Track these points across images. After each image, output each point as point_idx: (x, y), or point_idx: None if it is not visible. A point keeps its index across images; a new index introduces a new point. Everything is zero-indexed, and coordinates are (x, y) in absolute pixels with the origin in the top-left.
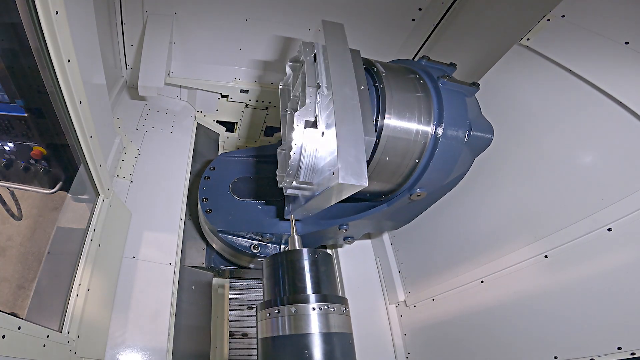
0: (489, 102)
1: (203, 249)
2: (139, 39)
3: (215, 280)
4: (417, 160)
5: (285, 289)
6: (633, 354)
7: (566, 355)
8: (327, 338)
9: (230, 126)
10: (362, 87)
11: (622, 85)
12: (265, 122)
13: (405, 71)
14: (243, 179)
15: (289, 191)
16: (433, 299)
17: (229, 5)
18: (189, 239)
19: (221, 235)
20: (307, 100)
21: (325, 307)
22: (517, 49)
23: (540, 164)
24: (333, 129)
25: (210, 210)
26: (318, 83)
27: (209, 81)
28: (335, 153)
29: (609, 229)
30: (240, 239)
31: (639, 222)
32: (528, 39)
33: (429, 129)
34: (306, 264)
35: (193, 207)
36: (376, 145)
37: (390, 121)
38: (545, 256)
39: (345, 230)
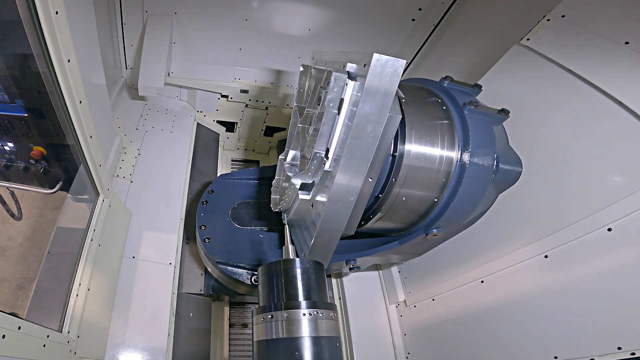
0: (489, 102)
1: (201, 274)
2: (139, 39)
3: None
4: (436, 199)
5: (278, 295)
6: (633, 354)
7: (566, 355)
8: (316, 341)
9: (230, 126)
10: (371, 178)
11: (622, 85)
12: (265, 122)
13: (426, 94)
14: (243, 204)
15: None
16: (433, 299)
17: (229, 5)
18: (187, 264)
19: (220, 266)
20: (310, 165)
21: (315, 312)
22: (517, 49)
23: (539, 163)
24: (321, 205)
25: (208, 238)
26: (327, 151)
27: (209, 81)
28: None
29: (609, 229)
30: (240, 270)
31: (639, 222)
32: (528, 39)
33: (453, 161)
34: (298, 273)
35: (191, 231)
36: (393, 182)
37: (412, 150)
38: (545, 256)
39: (353, 264)
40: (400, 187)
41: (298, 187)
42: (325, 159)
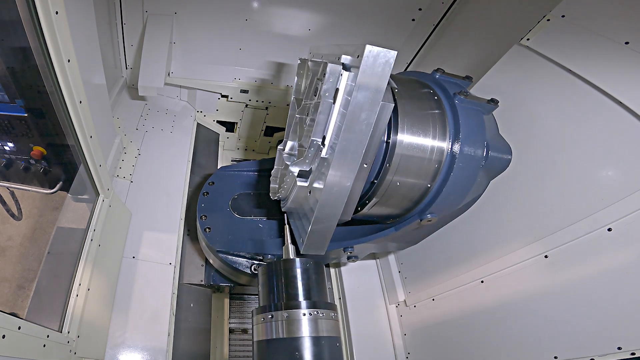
0: None
1: (202, 265)
2: (139, 39)
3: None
4: (429, 185)
5: (278, 295)
6: (633, 354)
7: (566, 355)
8: (316, 341)
9: (230, 126)
10: (366, 164)
11: (622, 85)
12: (265, 122)
13: (419, 85)
14: (243, 195)
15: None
16: (433, 299)
17: (229, 5)
18: (188, 255)
19: (220, 255)
20: (307, 153)
21: (315, 312)
22: (517, 49)
23: (540, 163)
24: (318, 191)
25: (209, 228)
26: (324, 137)
27: (209, 81)
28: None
29: (609, 229)
30: (240, 259)
31: (639, 222)
32: (528, 39)
33: (444, 149)
34: (298, 273)
35: (191, 222)
36: (387, 168)
37: (404, 140)
38: (545, 256)
39: (350, 252)
40: (394, 173)
41: (296, 174)
42: (322, 146)
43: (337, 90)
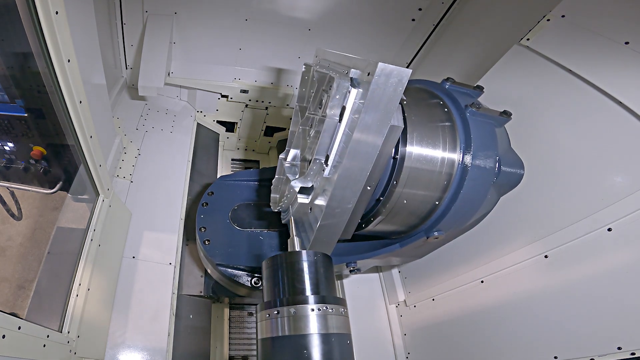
0: (489, 102)
1: (201, 276)
2: (139, 39)
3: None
4: (437, 202)
5: (284, 290)
6: (633, 354)
7: (566, 355)
8: (326, 339)
9: (230, 126)
10: (369, 187)
11: (622, 85)
12: (265, 122)
13: (428, 96)
14: (243, 205)
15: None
16: (433, 299)
17: (229, 5)
18: (187, 265)
19: (220, 268)
20: (310, 170)
21: (324, 308)
22: (517, 49)
23: (539, 163)
24: (319, 209)
25: (208, 240)
26: (327, 158)
27: (209, 81)
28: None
29: (609, 229)
30: (240, 272)
31: (639, 222)
32: (528, 39)
33: (455, 163)
34: (305, 266)
35: (190, 232)
36: (394, 185)
37: (413, 153)
38: (545, 256)
39: (353, 267)
40: (402, 189)
41: (297, 190)
42: (324, 166)
43: (343, 108)
